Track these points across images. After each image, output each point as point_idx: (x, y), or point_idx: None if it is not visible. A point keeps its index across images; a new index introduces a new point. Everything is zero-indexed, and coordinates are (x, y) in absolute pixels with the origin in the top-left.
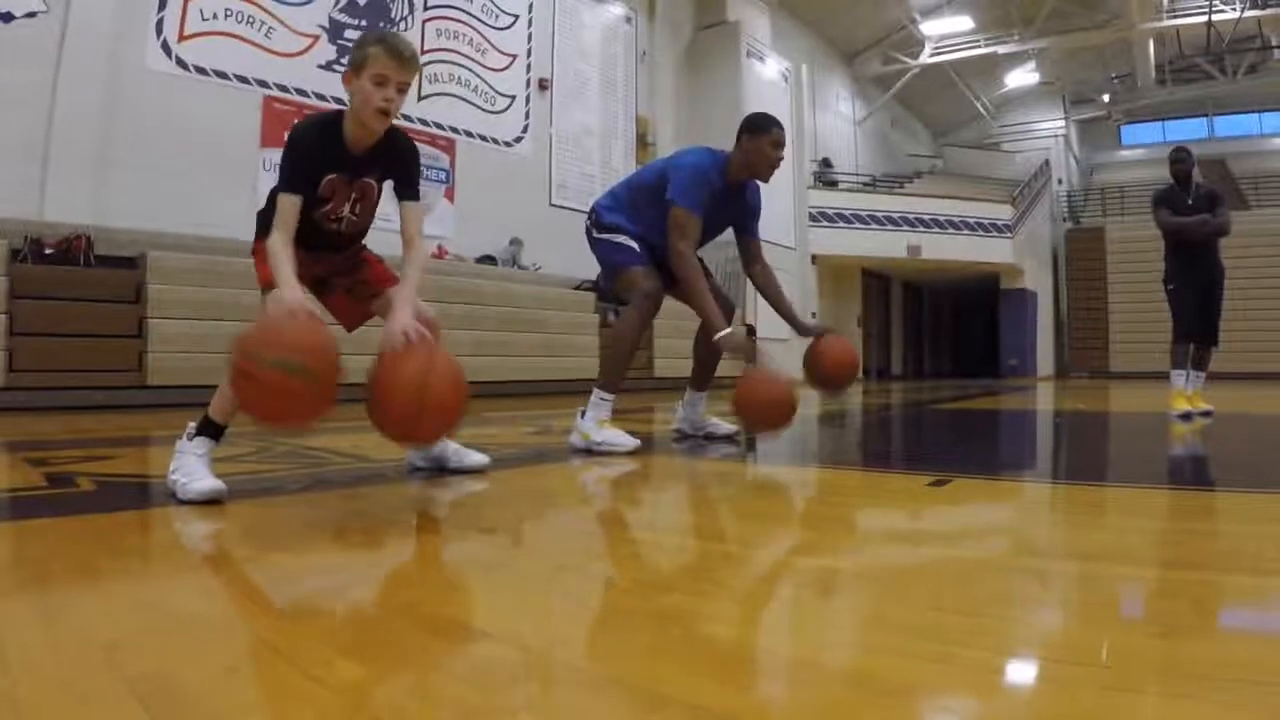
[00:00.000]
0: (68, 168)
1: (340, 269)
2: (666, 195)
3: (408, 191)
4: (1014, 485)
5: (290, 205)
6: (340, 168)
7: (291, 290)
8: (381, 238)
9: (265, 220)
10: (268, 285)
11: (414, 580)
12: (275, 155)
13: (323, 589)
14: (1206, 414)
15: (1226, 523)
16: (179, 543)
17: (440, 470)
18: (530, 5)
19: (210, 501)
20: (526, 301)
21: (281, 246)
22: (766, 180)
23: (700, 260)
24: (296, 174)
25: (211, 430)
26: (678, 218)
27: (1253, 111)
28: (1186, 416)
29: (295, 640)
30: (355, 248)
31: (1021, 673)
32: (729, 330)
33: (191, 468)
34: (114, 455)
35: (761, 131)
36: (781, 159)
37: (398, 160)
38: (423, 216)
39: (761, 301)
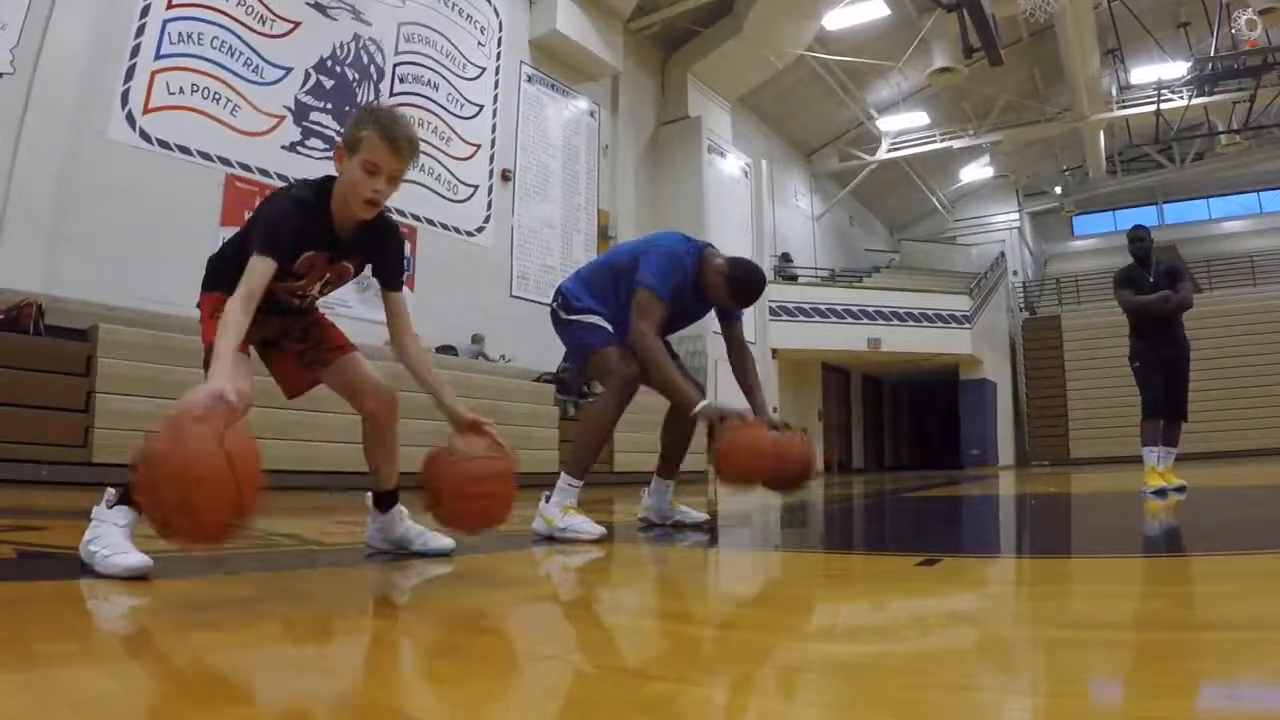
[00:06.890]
0: (21, 233)
1: (293, 333)
2: (636, 277)
3: (395, 281)
4: (1003, 562)
5: (264, 269)
6: (322, 245)
7: (223, 367)
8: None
9: (219, 272)
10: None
11: (364, 669)
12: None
13: (254, 676)
14: (1180, 489)
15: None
16: (93, 617)
17: (401, 553)
18: (495, 95)
19: (135, 578)
20: (487, 392)
21: (240, 314)
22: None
23: (666, 342)
24: (277, 240)
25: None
26: (642, 300)
27: (1201, 198)
28: (1161, 493)
29: None
30: (310, 313)
31: None
32: (705, 402)
33: (113, 539)
34: (47, 526)
35: (741, 299)
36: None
37: (383, 248)
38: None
39: (724, 388)
